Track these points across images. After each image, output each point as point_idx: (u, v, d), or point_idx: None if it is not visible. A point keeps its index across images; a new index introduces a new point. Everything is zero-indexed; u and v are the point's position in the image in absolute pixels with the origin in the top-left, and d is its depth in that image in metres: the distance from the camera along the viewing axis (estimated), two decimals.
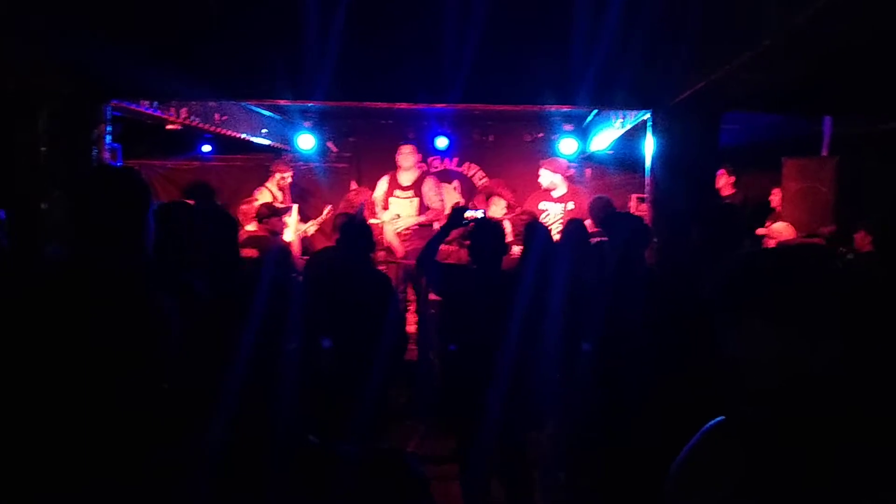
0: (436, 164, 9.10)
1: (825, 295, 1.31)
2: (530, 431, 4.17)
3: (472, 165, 9.21)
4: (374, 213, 7.27)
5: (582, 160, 8.67)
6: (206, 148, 8.88)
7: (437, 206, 7.75)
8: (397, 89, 4.99)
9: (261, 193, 7.62)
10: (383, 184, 7.95)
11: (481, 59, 4.53)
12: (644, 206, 5.57)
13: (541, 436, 4.32)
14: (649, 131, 5.00)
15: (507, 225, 5.87)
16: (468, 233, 4.27)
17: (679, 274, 4.22)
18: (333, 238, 5.04)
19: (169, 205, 2.95)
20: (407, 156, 7.81)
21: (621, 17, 4.11)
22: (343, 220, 5.04)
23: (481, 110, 7.86)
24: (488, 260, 4.01)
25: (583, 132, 8.33)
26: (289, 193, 8.07)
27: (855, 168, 6.56)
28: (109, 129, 4.94)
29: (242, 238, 5.69)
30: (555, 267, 3.97)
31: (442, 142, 8.61)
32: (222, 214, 3.33)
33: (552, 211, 7.45)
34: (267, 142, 8.26)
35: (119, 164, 5.30)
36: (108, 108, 4.94)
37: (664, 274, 4.44)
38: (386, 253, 7.26)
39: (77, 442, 1.88)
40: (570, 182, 7.67)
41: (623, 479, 3.28)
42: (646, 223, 4.39)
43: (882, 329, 1.33)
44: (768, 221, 6.88)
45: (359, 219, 4.81)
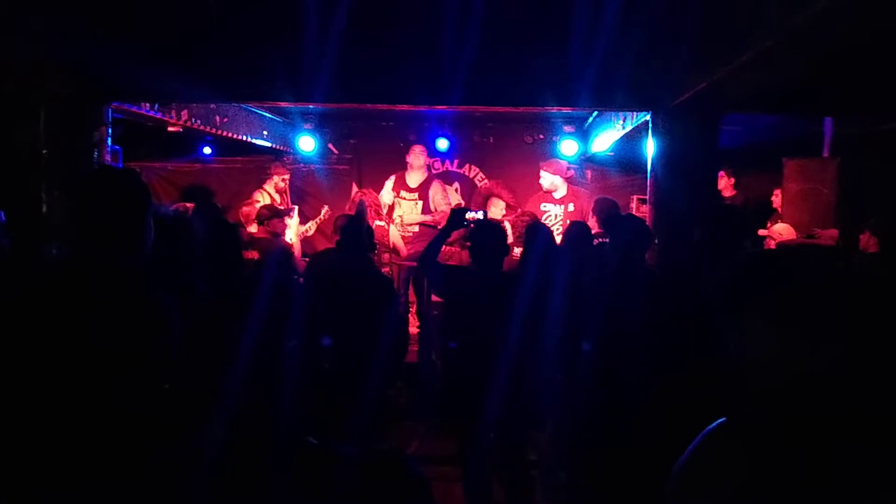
0: (437, 166, 9.10)
1: (826, 296, 1.31)
2: (530, 431, 4.18)
3: (473, 167, 9.20)
4: (380, 215, 7.26)
5: (583, 162, 8.67)
6: (207, 150, 8.89)
7: (445, 210, 7.76)
8: (397, 91, 5.00)
9: (259, 195, 7.62)
10: (389, 184, 7.99)
11: (481, 61, 4.53)
12: (645, 208, 5.57)
13: (541, 436, 4.32)
14: (650, 133, 5.00)
15: (508, 226, 5.86)
16: (469, 234, 4.27)
17: (680, 275, 4.22)
18: (334, 239, 5.03)
19: (169, 208, 2.96)
20: (418, 155, 8.01)
21: (621, 19, 4.11)
22: (343, 222, 5.04)
23: (482, 112, 7.87)
24: (489, 261, 4.01)
25: (583, 134, 8.33)
26: (287, 195, 8.07)
27: (856, 169, 6.54)
28: (110, 132, 4.95)
29: (244, 240, 5.69)
30: (556, 268, 3.97)
31: (442, 143, 8.61)
32: (221, 216, 3.33)
33: (553, 212, 7.46)
34: (268, 144, 8.27)
35: (119, 166, 5.30)
36: (109, 111, 4.94)
37: (665, 275, 4.43)
38: (391, 254, 7.26)
39: (77, 442, 1.88)
40: (571, 183, 7.68)
41: (623, 480, 3.28)
42: (647, 224, 4.39)
43: (883, 330, 1.33)
44: (769, 222, 6.87)
45: (359, 219, 4.80)
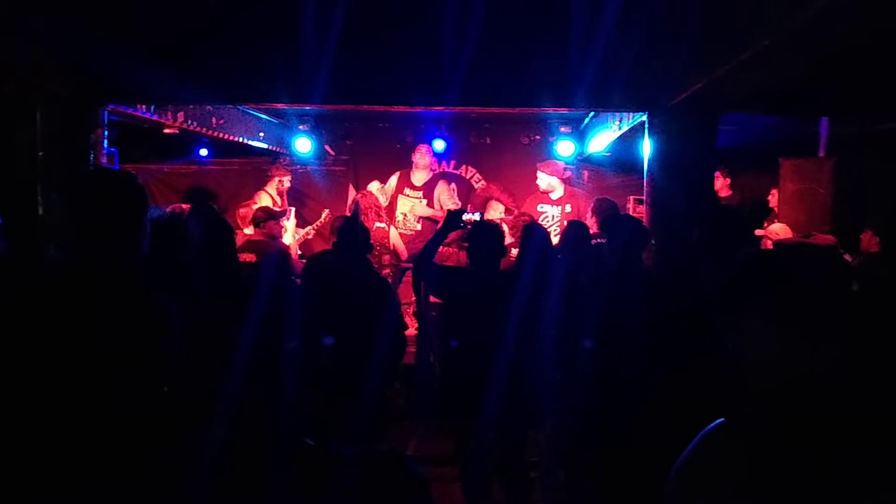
0: (433, 167, 9.09)
1: (825, 295, 1.31)
2: (529, 431, 4.18)
3: (470, 168, 9.19)
4: (380, 217, 7.24)
5: (580, 162, 8.67)
6: (204, 152, 8.87)
7: (452, 209, 7.75)
8: (397, 92, 4.99)
9: (260, 197, 7.62)
10: (393, 180, 7.99)
11: (478, 62, 4.53)
12: (642, 208, 5.57)
13: (540, 436, 4.32)
14: (647, 133, 5.00)
15: (506, 227, 5.86)
16: (467, 235, 4.27)
17: (677, 275, 4.22)
18: (331, 241, 5.02)
19: (165, 210, 2.96)
20: (424, 154, 8.12)
21: (618, 19, 4.11)
22: (340, 223, 5.03)
23: (478, 113, 7.87)
24: (486, 262, 4.02)
25: (580, 134, 8.33)
26: (285, 197, 8.07)
27: (852, 169, 6.54)
28: (106, 134, 4.93)
29: (241, 243, 5.68)
30: (552, 268, 3.98)
31: (439, 144, 8.61)
32: (217, 218, 3.33)
33: (550, 213, 7.46)
34: (264, 145, 8.25)
35: (116, 168, 5.29)
36: (105, 113, 4.93)
37: (662, 275, 4.44)
38: (391, 256, 7.25)
39: (77, 442, 1.88)
40: (568, 184, 7.69)
41: (623, 480, 3.28)
42: (644, 225, 4.40)
43: (883, 330, 1.33)
44: (766, 222, 6.88)
45: (355, 220, 4.80)
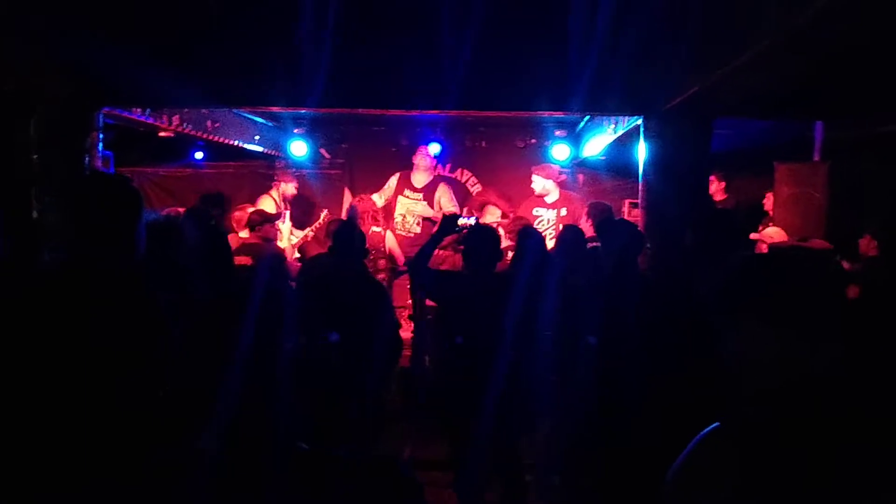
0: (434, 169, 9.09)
1: (823, 296, 1.31)
2: (524, 434, 4.17)
3: (465, 171, 9.20)
4: (377, 221, 7.23)
5: (575, 166, 8.68)
6: (199, 155, 8.87)
7: (454, 211, 7.76)
8: (393, 95, 4.99)
9: (263, 201, 7.60)
10: (393, 182, 7.99)
11: (476, 66, 4.54)
12: (637, 212, 5.57)
13: (535, 438, 4.32)
14: (642, 137, 5.00)
15: (502, 231, 5.86)
16: (463, 238, 4.27)
17: (672, 278, 4.22)
18: (327, 244, 5.02)
19: (160, 213, 2.96)
20: (425, 156, 8.12)
21: (614, 23, 4.12)
22: (336, 227, 5.03)
23: (474, 116, 7.88)
24: (483, 265, 4.02)
25: (575, 138, 8.34)
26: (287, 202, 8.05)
27: (847, 173, 6.55)
28: (101, 137, 4.92)
29: (236, 246, 5.67)
30: (548, 271, 3.98)
31: (434, 148, 8.61)
32: (212, 220, 3.33)
33: (545, 217, 7.46)
34: (259, 149, 8.25)
35: (111, 171, 5.28)
36: (100, 116, 4.92)
37: (658, 279, 4.44)
38: (387, 261, 7.24)
39: (77, 441, 1.88)
40: (563, 188, 7.70)
41: (621, 481, 3.28)
42: (639, 229, 4.40)
43: (882, 330, 1.33)
44: (761, 226, 6.89)
45: (351, 224, 4.80)
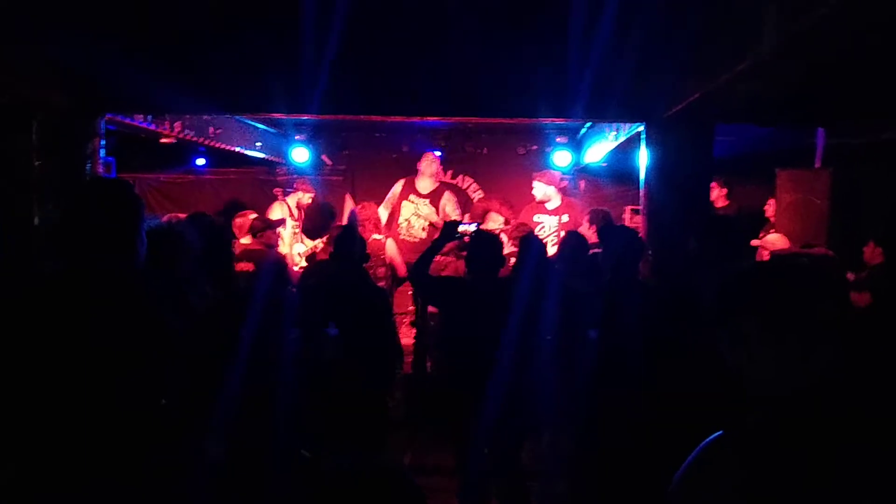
0: (439, 176, 9.08)
1: (822, 301, 1.32)
2: (527, 440, 4.17)
3: (467, 178, 9.21)
4: (378, 229, 7.23)
5: (576, 172, 8.69)
6: (200, 161, 8.88)
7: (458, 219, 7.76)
8: (393, 103, 5.00)
9: (279, 208, 7.57)
10: (398, 187, 7.98)
11: (476, 74, 4.55)
12: (638, 218, 5.57)
13: (540, 445, 4.31)
14: (643, 143, 5.01)
15: (504, 237, 5.85)
16: (465, 244, 4.27)
17: (673, 285, 4.22)
18: (327, 251, 5.02)
19: (161, 219, 2.97)
20: (431, 163, 8.03)
21: (615, 30, 4.12)
22: (337, 233, 5.03)
23: (475, 123, 7.89)
24: (485, 271, 4.02)
25: (576, 144, 8.35)
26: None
27: (849, 180, 6.54)
28: (103, 143, 4.93)
29: (237, 252, 5.66)
30: (549, 278, 3.98)
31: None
32: (213, 226, 3.33)
33: (547, 223, 7.46)
34: (261, 155, 8.26)
35: (113, 177, 5.29)
36: (103, 122, 4.93)
37: (658, 285, 4.44)
38: (386, 268, 7.23)
39: (78, 442, 1.89)
40: (564, 194, 7.69)
41: (625, 487, 3.27)
42: (640, 236, 4.40)
43: (882, 333, 1.33)
44: (762, 232, 6.88)
45: (351, 230, 4.79)
